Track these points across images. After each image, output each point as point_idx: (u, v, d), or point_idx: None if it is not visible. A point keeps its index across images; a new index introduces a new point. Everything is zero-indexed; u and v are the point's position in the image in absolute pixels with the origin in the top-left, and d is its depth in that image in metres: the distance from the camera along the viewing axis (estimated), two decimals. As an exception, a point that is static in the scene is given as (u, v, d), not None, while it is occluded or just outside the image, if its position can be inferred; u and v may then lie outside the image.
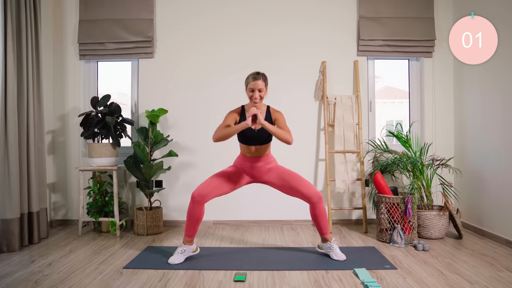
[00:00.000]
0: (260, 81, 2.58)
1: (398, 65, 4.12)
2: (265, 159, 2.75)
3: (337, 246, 2.78)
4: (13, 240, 2.96)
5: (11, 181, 2.96)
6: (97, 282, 2.32)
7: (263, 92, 2.60)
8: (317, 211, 2.72)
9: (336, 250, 2.75)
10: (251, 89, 2.59)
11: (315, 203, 2.70)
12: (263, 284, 2.28)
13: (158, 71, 3.91)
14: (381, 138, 3.77)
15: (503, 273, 2.44)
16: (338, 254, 2.73)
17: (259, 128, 2.65)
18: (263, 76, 2.61)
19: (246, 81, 2.63)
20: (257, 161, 2.74)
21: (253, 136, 2.66)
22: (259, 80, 2.58)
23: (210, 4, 3.91)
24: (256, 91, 2.58)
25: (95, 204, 3.56)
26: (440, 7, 3.90)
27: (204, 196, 2.63)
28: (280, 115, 2.70)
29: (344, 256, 2.71)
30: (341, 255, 2.72)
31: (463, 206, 3.67)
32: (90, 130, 3.52)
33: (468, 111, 3.65)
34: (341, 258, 2.70)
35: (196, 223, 2.68)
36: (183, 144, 3.90)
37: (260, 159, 2.73)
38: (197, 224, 2.69)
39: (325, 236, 2.79)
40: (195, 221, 2.67)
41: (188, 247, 2.73)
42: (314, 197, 2.68)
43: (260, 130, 2.65)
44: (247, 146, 2.70)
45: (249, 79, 2.61)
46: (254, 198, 3.88)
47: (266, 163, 2.75)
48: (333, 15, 3.90)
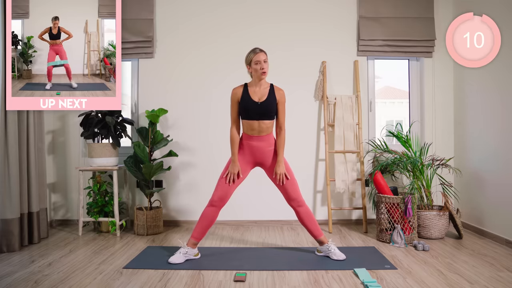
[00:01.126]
0: (263, 53, 2.61)
1: (398, 65, 4.12)
2: (267, 139, 2.72)
3: (335, 247, 2.78)
4: (13, 240, 2.96)
5: (11, 181, 2.96)
6: (97, 282, 2.32)
7: (267, 63, 2.62)
8: (302, 215, 2.77)
9: (335, 251, 2.75)
10: (256, 61, 2.59)
11: (298, 207, 2.76)
12: (263, 284, 2.28)
13: (158, 71, 3.91)
14: (381, 138, 3.77)
15: (503, 273, 2.44)
16: (337, 254, 2.73)
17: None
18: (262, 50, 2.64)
19: (248, 58, 2.64)
20: (258, 140, 2.71)
21: (256, 109, 2.65)
22: (261, 52, 2.61)
23: (210, 4, 3.91)
24: (262, 62, 2.59)
25: (95, 204, 3.56)
26: (440, 7, 3.90)
27: (223, 200, 2.70)
28: (283, 96, 2.72)
29: (343, 256, 2.72)
30: (340, 254, 2.73)
31: (463, 206, 3.67)
32: (90, 130, 3.51)
33: (468, 111, 3.64)
34: (341, 258, 2.70)
35: (207, 226, 2.73)
36: (183, 144, 3.89)
37: (261, 138, 2.71)
38: (208, 228, 2.74)
39: (319, 238, 2.80)
40: (208, 225, 2.72)
41: (191, 250, 2.73)
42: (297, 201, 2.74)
43: (263, 102, 2.65)
44: (250, 121, 2.68)
45: (250, 55, 2.62)
46: (254, 198, 3.88)
47: (269, 144, 2.73)
48: (333, 15, 3.90)
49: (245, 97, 2.67)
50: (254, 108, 2.64)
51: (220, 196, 2.69)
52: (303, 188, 3.85)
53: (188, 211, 3.89)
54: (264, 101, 2.65)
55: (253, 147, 2.73)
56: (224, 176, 2.71)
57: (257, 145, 2.72)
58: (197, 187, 3.90)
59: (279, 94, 2.70)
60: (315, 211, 3.88)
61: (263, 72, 2.61)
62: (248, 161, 2.77)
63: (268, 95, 2.66)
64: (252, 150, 2.74)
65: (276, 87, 2.73)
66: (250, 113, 2.66)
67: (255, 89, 2.68)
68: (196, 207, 3.89)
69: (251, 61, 2.62)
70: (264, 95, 2.66)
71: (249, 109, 2.65)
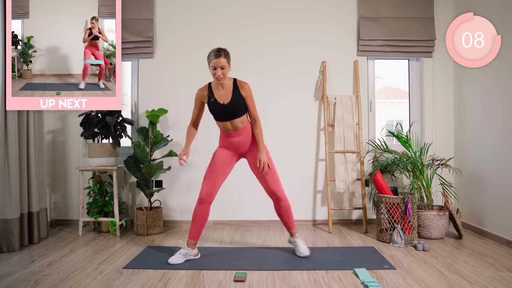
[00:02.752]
0: (222, 58, 2.52)
1: (398, 65, 4.12)
2: (244, 132, 2.73)
3: (301, 242, 2.83)
4: (13, 240, 2.96)
5: (11, 181, 2.96)
6: (97, 282, 2.32)
7: (225, 69, 2.56)
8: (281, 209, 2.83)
9: (299, 247, 2.81)
10: (213, 67, 2.54)
11: (278, 201, 2.80)
12: (263, 284, 2.28)
13: (158, 71, 3.91)
14: (381, 138, 3.76)
15: (503, 273, 2.44)
16: (301, 250, 2.79)
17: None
18: (225, 52, 2.56)
19: (208, 59, 2.57)
20: (237, 135, 2.73)
21: (221, 110, 2.64)
22: (221, 57, 2.53)
23: (210, 4, 3.91)
24: (219, 69, 2.53)
25: (95, 204, 3.56)
26: (440, 7, 3.90)
27: (211, 195, 2.71)
28: (249, 90, 2.67)
29: (307, 252, 2.77)
30: (304, 250, 2.78)
31: (463, 206, 3.67)
32: (90, 130, 3.51)
33: (468, 111, 3.65)
34: (303, 254, 2.76)
35: (201, 225, 2.73)
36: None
37: (239, 132, 2.72)
38: (203, 226, 2.74)
39: (290, 230, 2.90)
40: (201, 223, 2.72)
41: (191, 251, 2.74)
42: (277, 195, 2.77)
43: (228, 104, 2.62)
44: (222, 122, 2.70)
45: (210, 56, 2.55)
46: (254, 198, 3.88)
47: (247, 135, 2.74)
48: (333, 15, 3.90)
49: (210, 99, 2.67)
50: (221, 110, 2.65)
51: (207, 192, 2.70)
52: (303, 188, 3.87)
53: (188, 211, 3.89)
54: (229, 103, 2.63)
55: (233, 142, 2.76)
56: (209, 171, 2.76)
57: (237, 140, 2.75)
58: (197, 187, 3.85)
59: (244, 90, 2.65)
60: (315, 211, 3.88)
61: (218, 79, 2.57)
62: (232, 154, 2.81)
63: (232, 95, 2.63)
64: (233, 144, 2.76)
65: (239, 82, 2.66)
66: (219, 115, 2.68)
67: (218, 91, 2.66)
68: (196, 207, 3.89)
69: (209, 63, 2.57)
70: (228, 96, 2.63)
71: (217, 112, 2.67)
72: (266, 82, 3.89)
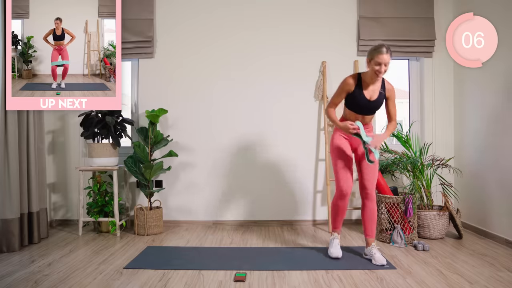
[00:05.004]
0: (388, 55, 2.54)
1: (398, 65, 4.11)
2: (367, 128, 2.76)
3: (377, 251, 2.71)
4: (13, 240, 2.96)
5: (11, 181, 2.96)
6: (97, 282, 2.32)
7: (387, 66, 2.57)
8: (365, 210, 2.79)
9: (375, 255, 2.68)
10: (378, 62, 2.53)
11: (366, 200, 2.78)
12: (263, 284, 2.28)
13: (158, 71, 3.91)
14: (381, 138, 3.76)
15: (503, 273, 2.44)
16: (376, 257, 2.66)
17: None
18: (389, 49, 2.56)
19: (371, 54, 2.56)
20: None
21: (366, 106, 2.67)
22: (387, 54, 2.53)
23: (210, 5, 3.91)
24: (383, 65, 2.54)
25: (95, 204, 3.56)
26: (440, 7, 3.90)
27: (351, 187, 2.76)
28: (393, 92, 2.72)
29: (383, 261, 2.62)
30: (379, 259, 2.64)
31: (463, 206, 3.67)
32: (90, 130, 3.51)
33: (468, 111, 3.64)
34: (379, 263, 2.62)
35: (343, 215, 2.86)
36: (183, 144, 3.89)
37: (365, 126, 2.73)
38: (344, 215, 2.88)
39: (367, 238, 2.80)
40: (343, 213, 2.85)
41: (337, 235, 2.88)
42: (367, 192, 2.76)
43: (373, 100, 2.66)
44: (357, 114, 2.72)
45: (375, 52, 2.54)
46: (254, 198, 3.88)
47: (368, 131, 2.77)
48: (333, 15, 3.90)
49: (356, 92, 2.66)
50: (365, 105, 2.67)
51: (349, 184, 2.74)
52: (303, 188, 3.87)
53: (188, 211, 3.90)
54: (375, 100, 2.67)
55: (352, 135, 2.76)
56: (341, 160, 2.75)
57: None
58: (197, 187, 3.90)
59: (389, 91, 2.71)
60: (315, 211, 3.88)
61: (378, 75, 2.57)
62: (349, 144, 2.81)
63: (379, 93, 2.67)
64: (351, 137, 2.78)
65: (387, 84, 2.71)
66: (361, 109, 2.70)
67: (368, 86, 2.66)
68: (196, 207, 3.90)
69: (372, 58, 2.56)
70: (375, 93, 2.67)
71: (360, 105, 2.68)
72: (266, 82, 3.89)
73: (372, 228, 2.78)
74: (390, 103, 2.73)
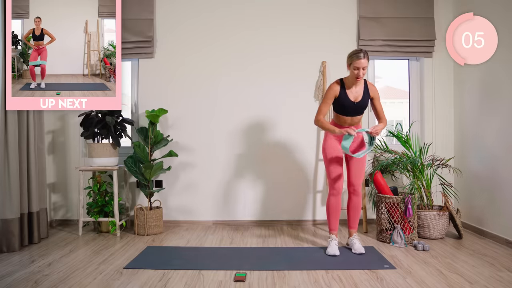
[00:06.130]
0: (364, 60, 2.68)
1: (398, 65, 4.12)
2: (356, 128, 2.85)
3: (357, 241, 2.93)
4: (13, 240, 2.96)
5: (11, 181, 2.96)
6: (97, 282, 2.32)
7: (365, 70, 2.72)
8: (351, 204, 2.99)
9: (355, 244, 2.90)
10: (356, 67, 2.69)
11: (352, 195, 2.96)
12: (263, 284, 2.28)
13: (158, 71, 3.91)
14: (381, 138, 3.76)
15: (503, 273, 2.44)
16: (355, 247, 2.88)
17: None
18: (367, 54, 2.70)
19: (350, 59, 2.73)
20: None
21: (352, 107, 2.82)
22: (364, 59, 2.68)
23: (210, 5, 3.91)
24: (361, 70, 2.69)
25: (95, 204, 3.56)
26: (440, 7, 3.90)
27: (342, 186, 2.91)
28: (377, 92, 2.89)
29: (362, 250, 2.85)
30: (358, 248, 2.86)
31: (463, 206, 3.67)
32: (90, 130, 3.51)
33: (468, 111, 3.64)
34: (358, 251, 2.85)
35: (338, 214, 2.94)
36: (183, 144, 3.90)
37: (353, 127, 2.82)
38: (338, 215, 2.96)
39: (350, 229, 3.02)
40: (338, 212, 2.93)
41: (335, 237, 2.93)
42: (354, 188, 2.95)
43: (358, 102, 2.81)
44: (344, 116, 2.86)
45: (353, 57, 2.70)
46: (254, 198, 3.88)
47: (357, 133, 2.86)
48: (333, 15, 3.90)
49: (342, 95, 2.81)
50: (350, 106, 2.82)
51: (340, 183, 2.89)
52: (303, 188, 3.87)
53: (188, 211, 3.90)
54: (360, 101, 2.82)
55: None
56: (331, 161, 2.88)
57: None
58: (197, 187, 3.90)
59: (372, 91, 2.86)
60: (315, 211, 3.88)
61: (358, 79, 2.72)
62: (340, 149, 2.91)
63: (363, 94, 2.82)
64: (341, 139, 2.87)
65: (369, 85, 2.87)
66: (346, 110, 2.84)
67: (351, 89, 2.82)
68: (196, 207, 3.90)
69: (351, 63, 2.72)
70: (359, 95, 2.82)
71: (345, 107, 2.82)
72: (266, 82, 3.89)
73: (356, 220, 3.00)
74: (375, 101, 2.89)
